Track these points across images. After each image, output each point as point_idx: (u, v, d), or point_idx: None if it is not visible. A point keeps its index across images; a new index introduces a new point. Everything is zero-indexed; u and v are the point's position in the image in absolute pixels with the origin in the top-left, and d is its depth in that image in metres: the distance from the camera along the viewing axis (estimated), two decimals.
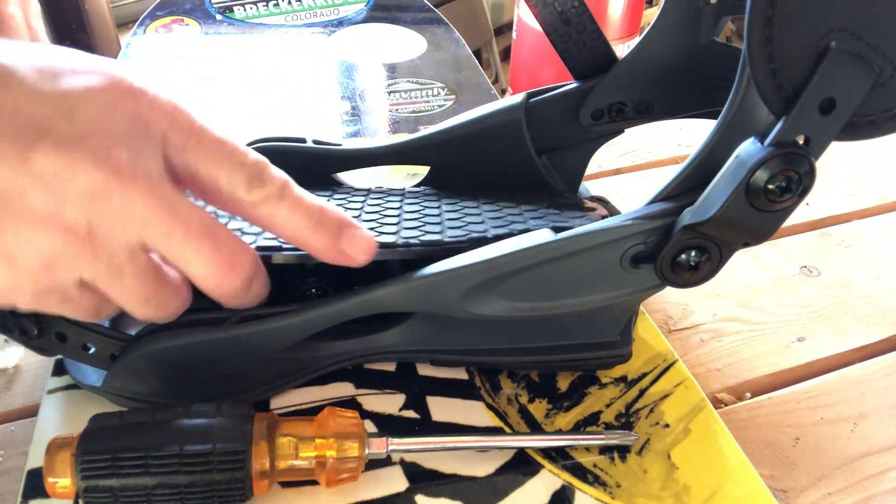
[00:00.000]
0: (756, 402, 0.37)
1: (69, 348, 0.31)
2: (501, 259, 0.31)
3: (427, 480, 0.31)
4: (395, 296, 0.32)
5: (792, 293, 0.45)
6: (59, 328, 0.30)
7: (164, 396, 0.32)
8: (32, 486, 0.30)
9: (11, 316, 0.29)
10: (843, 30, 0.25)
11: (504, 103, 0.42)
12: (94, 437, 0.27)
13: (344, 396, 0.35)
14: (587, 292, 0.33)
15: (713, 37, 0.37)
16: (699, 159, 0.30)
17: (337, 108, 0.64)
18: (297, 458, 0.29)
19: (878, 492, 0.33)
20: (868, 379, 0.39)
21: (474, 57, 0.73)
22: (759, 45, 0.25)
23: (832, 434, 0.36)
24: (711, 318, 0.43)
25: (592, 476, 0.32)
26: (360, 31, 0.77)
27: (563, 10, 0.39)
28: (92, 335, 0.31)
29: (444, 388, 0.36)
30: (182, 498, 0.27)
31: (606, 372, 0.37)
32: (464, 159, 0.43)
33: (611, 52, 0.40)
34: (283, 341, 0.33)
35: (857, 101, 0.26)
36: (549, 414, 0.35)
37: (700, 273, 0.31)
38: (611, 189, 0.54)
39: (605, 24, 1.34)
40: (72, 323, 0.30)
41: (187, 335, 0.31)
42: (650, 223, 0.30)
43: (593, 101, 0.41)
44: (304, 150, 0.44)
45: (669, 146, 0.60)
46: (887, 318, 0.43)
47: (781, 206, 0.28)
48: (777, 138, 0.26)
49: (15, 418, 0.35)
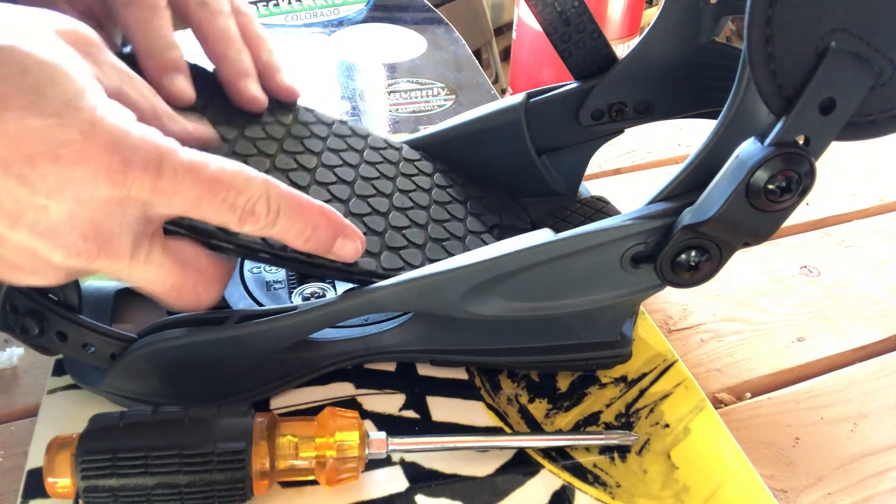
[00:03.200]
0: (756, 402, 0.37)
1: (69, 347, 0.31)
2: (501, 259, 0.31)
3: (427, 480, 0.31)
4: (395, 296, 0.32)
5: (792, 293, 0.45)
6: (60, 327, 0.30)
7: (164, 396, 0.32)
8: (32, 486, 0.30)
9: (13, 314, 0.29)
10: (843, 30, 0.25)
11: (504, 103, 0.42)
12: (94, 437, 0.27)
13: (344, 396, 0.35)
14: (587, 292, 0.33)
15: (713, 37, 0.37)
16: (699, 159, 0.30)
17: (337, 108, 0.64)
18: (297, 458, 0.29)
19: (878, 492, 0.33)
20: (868, 379, 0.39)
21: (474, 57, 0.73)
22: (759, 45, 0.25)
23: (832, 434, 0.36)
24: (711, 318, 0.43)
25: (592, 476, 0.32)
26: (360, 31, 0.77)
27: (563, 10, 0.39)
28: (92, 335, 0.31)
29: (444, 388, 0.36)
30: (182, 498, 0.27)
31: (606, 372, 0.37)
32: (464, 159, 0.43)
33: (611, 52, 0.40)
34: (283, 341, 0.33)
35: (857, 101, 0.26)
36: (549, 414, 0.35)
37: (700, 273, 0.31)
38: (611, 189, 0.54)
39: (605, 24, 1.34)
40: (72, 322, 0.30)
41: (187, 335, 0.31)
42: (650, 223, 0.30)
43: (593, 101, 0.41)
44: None
45: (669, 146, 0.60)
46: (887, 318, 0.43)
47: (781, 205, 0.28)
48: (777, 138, 0.26)
49: (15, 418, 0.35)
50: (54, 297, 0.31)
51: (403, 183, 0.39)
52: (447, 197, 0.40)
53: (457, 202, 0.40)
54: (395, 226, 0.35)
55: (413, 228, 0.36)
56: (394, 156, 0.40)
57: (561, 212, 0.43)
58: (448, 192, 0.40)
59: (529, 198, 0.44)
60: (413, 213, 0.37)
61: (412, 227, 0.36)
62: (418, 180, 0.40)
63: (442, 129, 0.42)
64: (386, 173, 0.38)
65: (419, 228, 0.36)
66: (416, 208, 0.37)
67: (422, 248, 0.35)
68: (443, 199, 0.39)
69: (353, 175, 0.37)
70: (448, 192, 0.40)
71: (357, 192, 0.36)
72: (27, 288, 0.29)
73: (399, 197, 0.37)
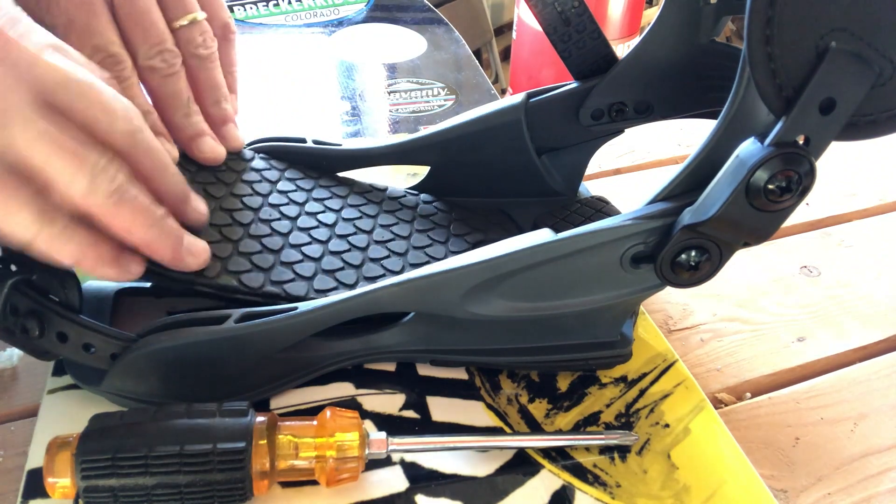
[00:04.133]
0: (756, 402, 0.37)
1: (69, 348, 0.31)
2: (501, 259, 0.31)
3: (427, 480, 0.31)
4: (395, 296, 0.32)
5: (792, 293, 0.45)
6: (61, 328, 0.30)
7: (164, 396, 0.32)
8: (32, 486, 0.30)
9: (13, 316, 0.29)
10: (843, 30, 0.25)
11: (504, 103, 0.42)
12: (94, 437, 0.27)
13: (344, 396, 0.35)
14: (587, 292, 0.33)
15: (713, 37, 0.37)
16: (699, 159, 0.30)
17: (337, 108, 0.64)
18: (297, 458, 0.29)
19: (878, 492, 0.33)
20: (868, 379, 0.39)
21: (474, 57, 0.73)
22: (759, 45, 0.25)
23: (832, 434, 0.36)
24: (711, 318, 0.43)
25: (592, 476, 0.32)
26: (360, 31, 0.77)
27: (563, 10, 0.39)
28: (93, 335, 0.31)
29: (444, 388, 0.36)
30: (182, 498, 0.27)
31: (606, 372, 0.37)
32: (464, 159, 0.43)
33: (611, 52, 0.40)
34: (283, 341, 0.33)
35: (857, 101, 0.26)
36: (549, 414, 0.35)
37: (700, 273, 0.31)
38: (611, 189, 0.54)
39: (605, 24, 1.34)
40: (74, 322, 0.30)
41: (187, 335, 0.31)
42: (650, 223, 0.30)
43: (593, 101, 0.41)
44: (304, 150, 0.44)
45: (669, 146, 0.60)
46: (887, 318, 0.43)
47: (781, 206, 0.28)
48: (777, 138, 0.26)
49: (15, 418, 0.35)
50: (55, 298, 0.31)
51: (385, 219, 0.41)
52: (429, 224, 0.42)
53: (439, 227, 0.42)
54: (372, 258, 0.38)
55: (392, 258, 0.38)
56: (378, 196, 0.43)
57: (561, 212, 0.43)
58: (431, 220, 0.42)
59: (529, 198, 0.44)
60: (393, 244, 0.39)
61: (390, 257, 0.38)
62: (401, 214, 0.42)
63: (442, 129, 0.42)
64: (368, 213, 0.41)
65: (398, 257, 0.38)
66: (396, 239, 0.40)
67: (397, 274, 0.36)
68: (425, 227, 0.41)
69: (335, 218, 0.40)
70: (431, 220, 0.42)
71: (337, 233, 0.39)
72: (29, 288, 0.30)
73: (379, 231, 0.40)
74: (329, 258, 0.37)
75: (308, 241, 0.38)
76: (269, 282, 0.34)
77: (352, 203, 0.42)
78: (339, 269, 0.36)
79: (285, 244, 0.37)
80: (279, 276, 0.35)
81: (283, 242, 0.37)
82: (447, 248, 0.40)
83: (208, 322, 0.32)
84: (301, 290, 0.34)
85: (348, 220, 0.40)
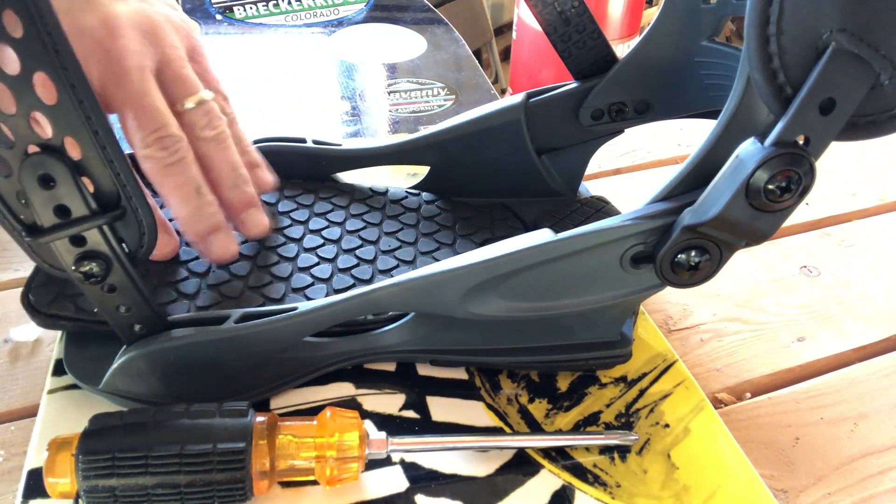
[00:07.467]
0: (756, 402, 0.37)
1: (108, 303, 0.29)
2: (501, 259, 0.31)
3: (427, 480, 0.31)
4: (395, 296, 0.32)
5: (792, 293, 0.45)
6: (117, 280, 0.29)
7: (164, 396, 0.32)
8: (32, 486, 0.30)
9: (88, 259, 0.28)
10: (843, 30, 0.25)
11: (504, 103, 0.42)
12: (94, 437, 0.27)
13: (344, 396, 0.35)
14: (587, 292, 0.33)
15: (713, 37, 0.37)
16: (699, 159, 0.30)
17: (337, 108, 0.64)
18: (297, 458, 0.29)
19: (878, 492, 0.33)
20: (868, 379, 0.39)
21: (474, 57, 0.73)
22: (759, 45, 0.25)
23: (832, 434, 0.36)
24: (711, 318, 0.43)
25: (592, 476, 0.32)
26: (360, 31, 0.77)
27: (563, 10, 0.39)
28: (139, 298, 0.30)
29: (444, 388, 0.36)
30: (182, 498, 0.27)
31: (606, 372, 0.37)
32: (464, 159, 0.43)
33: (611, 52, 0.40)
34: (283, 341, 0.33)
35: (856, 101, 0.26)
36: (549, 414, 0.35)
37: (700, 273, 0.30)
38: (611, 189, 0.54)
39: (605, 24, 1.34)
40: (131, 278, 0.29)
41: (187, 335, 0.31)
42: (650, 223, 0.30)
43: (593, 101, 0.41)
44: (304, 150, 0.44)
45: (669, 146, 0.60)
46: (887, 318, 0.43)
47: (781, 206, 0.28)
48: (777, 138, 0.26)
49: (15, 418, 0.35)
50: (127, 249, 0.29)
51: (390, 225, 0.41)
52: (434, 226, 0.42)
53: (445, 229, 0.42)
54: (381, 269, 0.38)
55: (401, 267, 0.39)
56: (379, 201, 0.43)
57: (561, 212, 0.43)
58: (435, 222, 0.42)
59: (529, 198, 0.44)
60: (401, 252, 0.40)
61: (399, 267, 0.38)
62: (405, 218, 0.42)
63: (442, 129, 0.42)
64: (372, 221, 0.42)
65: (407, 265, 0.39)
66: (404, 246, 0.40)
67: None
68: (430, 230, 0.41)
69: (340, 232, 0.40)
70: (435, 222, 0.42)
71: (344, 248, 0.39)
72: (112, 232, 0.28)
73: (385, 240, 0.40)
74: (339, 276, 0.37)
75: (316, 262, 0.38)
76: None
77: (354, 212, 0.42)
78: (349, 287, 0.37)
79: (294, 269, 0.37)
80: (292, 303, 0.34)
81: (292, 268, 0.37)
82: (454, 250, 0.40)
83: (208, 322, 0.32)
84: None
85: (353, 233, 0.40)
